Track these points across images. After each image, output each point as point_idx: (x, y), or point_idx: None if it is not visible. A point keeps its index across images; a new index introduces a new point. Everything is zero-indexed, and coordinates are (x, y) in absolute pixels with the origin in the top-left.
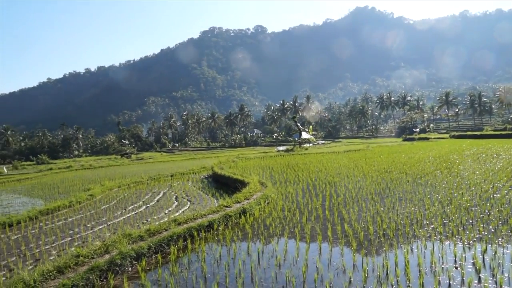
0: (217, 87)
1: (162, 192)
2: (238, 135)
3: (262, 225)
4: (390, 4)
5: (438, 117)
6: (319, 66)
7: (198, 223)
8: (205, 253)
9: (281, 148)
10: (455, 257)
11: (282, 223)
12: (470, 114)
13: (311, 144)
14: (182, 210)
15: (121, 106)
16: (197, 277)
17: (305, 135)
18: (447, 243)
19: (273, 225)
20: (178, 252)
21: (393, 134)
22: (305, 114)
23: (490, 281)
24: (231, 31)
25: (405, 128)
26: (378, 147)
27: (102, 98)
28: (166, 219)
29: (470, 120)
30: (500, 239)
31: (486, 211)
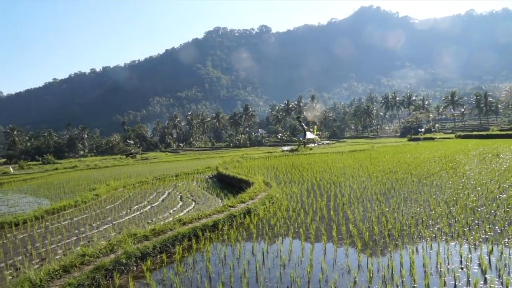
0: (221, 87)
1: (167, 192)
2: (243, 135)
3: (266, 225)
4: (395, 3)
5: (443, 117)
6: (324, 66)
7: (203, 223)
8: (210, 253)
9: (285, 148)
10: (461, 257)
11: (287, 223)
12: (476, 114)
13: (316, 144)
14: (187, 210)
15: (126, 106)
16: (202, 276)
17: (309, 135)
18: (453, 244)
19: (277, 225)
20: (183, 251)
21: (398, 134)
22: (309, 114)
23: (496, 282)
24: (236, 31)
25: (410, 128)
26: (383, 147)
27: (107, 98)
28: (171, 219)
29: (476, 120)
30: (506, 240)
31: (492, 212)
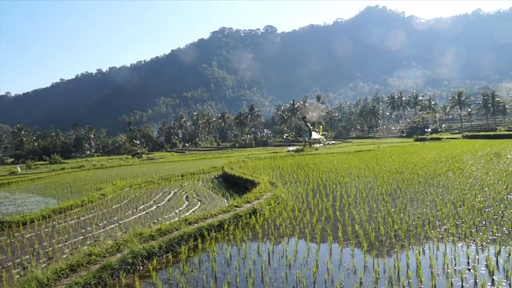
0: (227, 87)
1: (172, 191)
2: (248, 135)
3: (272, 225)
4: (401, 3)
5: (450, 117)
6: (329, 66)
7: (208, 223)
8: (215, 253)
9: (291, 148)
10: (468, 258)
11: (293, 224)
12: (483, 114)
13: (322, 144)
14: (193, 210)
15: (132, 106)
16: (207, 276)
17: (315, 135)
18: (460, 245)
19: (283, 225)
20: (189, 251)
21: (404, 135)
22: (315, 114)
23: (504, 283)
24: (241, 31)
25: (416, 128)
26: (389, 148)
27: (114, 98)
28: (176, 219)
29: (483, 120)
30: None
31: (500, 212)
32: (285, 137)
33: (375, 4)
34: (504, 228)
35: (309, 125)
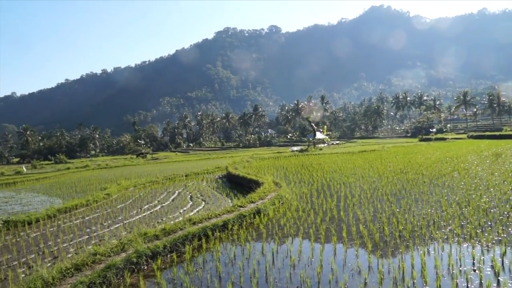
0: (231, 87)
1: (177, 191)
2: (252, 135)
3: (276, 225)
4: (406, 3)
5: (455, 117)
6: (334, 66)
7: (212, 223)
8: (219, 252)
9: (295, 148)
10: (473, 259)
11: (297, 224)
12: (489, 114)
13: (326, 144)
14: (197, 209)
15: (136, 107)
16: (212, 276)
17: (319, 135)
18: (465, 245)
19: (287, 225)
20: (193, 251)
21: (409, 135)
22: (318, 114)
23: (510, 284)
24: (245, 32)
25: (421, 128)
26: (393, 148)
27: (118, 99)
28: (181, 219)
29: (488, 120)
30: None
31: (505, 213)
32: (289, 137)
33: (380, 4)
34: (509, 229)
35: (313, 125)
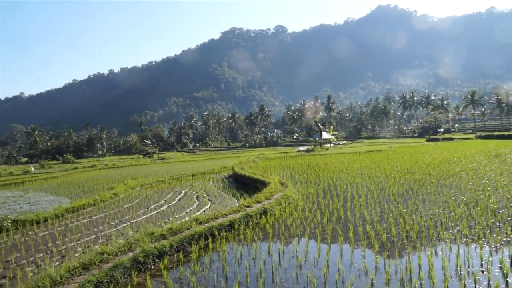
0: (237, 87)
1: (183, 191)
2: (259, 135)
3: (282, 225)
4: (413, 2)
5: (463, 117)
6: (340, 66)
7: (219, 223)
8: (226, 252)
9: (301, 148)
10: (482, 260)
11: (303, 224)
12: (497, 114)
13: (332, 144)
14: (203, 209)
15: (143, 107)
16: (218, 276)
17: (326, 135)
18: (473, 246)
19: (293, 225)
20: (200, 251)
21: (416, 135)
22: (325, 114)
23: None
24: (252, 32)
25: (428, 128)
26: (400, 148)
27: (125, 99)
28: (187, 218)
29: (497, 120)
30: None
31: None
32: (295, 137)
33: (387, 3)
34: None
35: (319, 125)
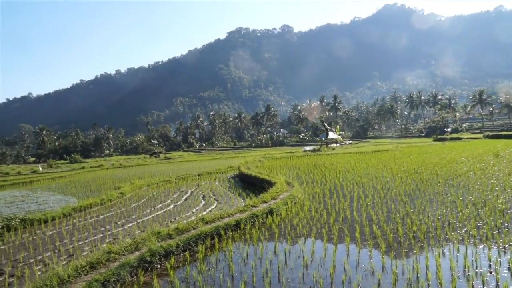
0: (243, 87)
1: (189, 191)
2: (265, 135)
3: (289, 225)
4: (420, 1)
5: (471, 116)
6: (347, 65)
7: (225, 222)
8: (232, 252)
9: (307, 148)
10: (490, 261)
11: (309, 224)
12: (506, 113)
13: (338, 144)
14: (210, 209)
15: (149, 107)
16: (224, 275)
17: (332, 135)
18: (481, 247)
19: (300, 225)
20: (206, 250)
21: (423, 134)
22: (332, 113)
23: None
24: (258, 31)
25: (436, 128)
26: (407, 148)
27: (132, 99)
28: (193, 218)
29: (505, 119)
30: None
31: None
32: (301, 137)
33: (393, 2)
34: None
35: (325, 124)
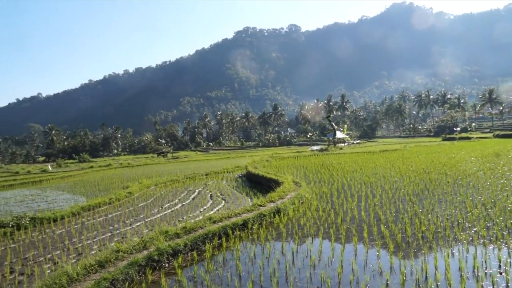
0: (250, 87)
1: (197, 190)
2: (272, 135)
3: (296, 225)
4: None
5: (481, 115)
6: (354, 65)
7: (232, 222)
8: (239, 251)
9: (315, 147)
10: (500, 262)
11: (317, 223)
12: None
13: (346, 143)
14: (217, 208)
15: (157, 106)
16: (232, 275)
17: (339, 135)
18: (491, 247)
19: (307, 225)
20: (213, 250)
21: (432, 134)
22: (339, 113)
23: None
24: (265, 31)
25: (444, 127)
26: (416, 147)
27: (140, 99)
28: (201, 217)
29: None
30: None
31: None
32: (309, 136)
33: (402, 0)
34: None
35: (333, 124)
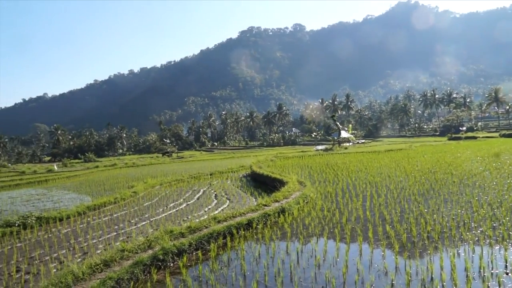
0: (255, 87)
1: (202, 190)
2: (276, 134)
3: (301, 224)
4: None
5: (487, 115)
6: (359, 64)
7: (237, 221)
8: (244, 251)
9: (320, 147)
10: (506, 262)
11: (322, 223)
12: None
13: (351, 143)
14: (222, 208)
15: (162, 106)
16: (236, 274)
17: (344, 134)
18: (497, 248)
19: (312, 224)
20: (218, 249)
21: (437, 133)
22: (344, 112)
23: None
24: (270, 31)
25: (450, 126)
26: (421, 147)
27: (145, 98)
28: (206, 217)
29: None
30: None
31: None
32: (313, 136)
33: None
34: None
35: (338, 123)
